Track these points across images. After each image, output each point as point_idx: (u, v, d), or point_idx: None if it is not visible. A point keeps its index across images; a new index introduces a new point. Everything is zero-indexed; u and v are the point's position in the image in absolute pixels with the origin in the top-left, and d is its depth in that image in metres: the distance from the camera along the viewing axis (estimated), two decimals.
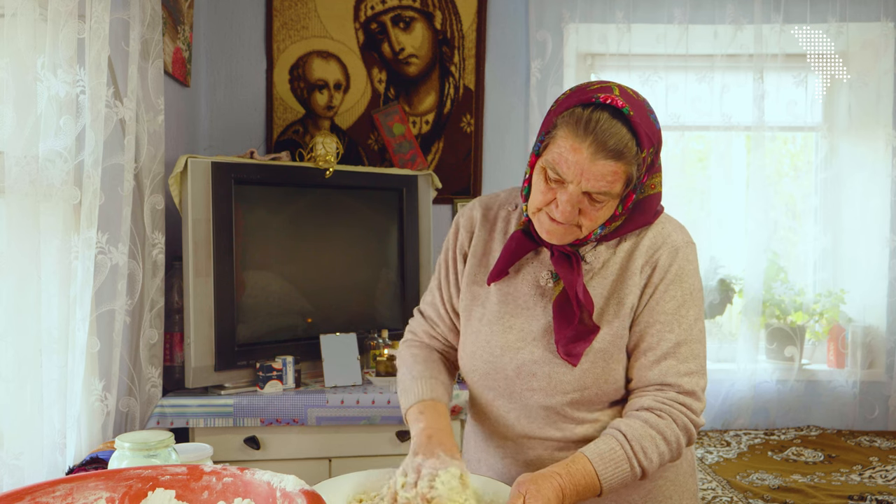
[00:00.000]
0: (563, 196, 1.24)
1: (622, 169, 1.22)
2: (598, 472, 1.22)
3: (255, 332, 2.51)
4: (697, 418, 1.30)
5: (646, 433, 1.26)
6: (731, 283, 3.60)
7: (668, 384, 1.31)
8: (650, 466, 1.26)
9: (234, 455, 2.35)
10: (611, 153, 1.20)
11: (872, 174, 3.53)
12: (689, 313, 1.33)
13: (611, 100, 1.22)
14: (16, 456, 1.55)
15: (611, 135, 1.20)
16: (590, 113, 1.21)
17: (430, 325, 1.56)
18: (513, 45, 3.36)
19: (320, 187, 2.64)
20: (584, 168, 1.21)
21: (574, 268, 1.32)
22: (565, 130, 1.23)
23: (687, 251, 1.36)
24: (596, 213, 1.26)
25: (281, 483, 1.03)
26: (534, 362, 1.36)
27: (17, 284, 1.57)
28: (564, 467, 1.21)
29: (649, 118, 1.26)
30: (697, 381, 1.32)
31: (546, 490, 1.16)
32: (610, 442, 1.25)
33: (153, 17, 2.30)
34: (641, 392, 1.33)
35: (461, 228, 1.50)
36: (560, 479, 1.19)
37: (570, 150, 1.22)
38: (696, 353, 1.32)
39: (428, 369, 1.47)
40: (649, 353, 1.32)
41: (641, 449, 1.25)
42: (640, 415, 1.29)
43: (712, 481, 2.78)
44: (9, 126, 1.54)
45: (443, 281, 1.51)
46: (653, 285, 1.33)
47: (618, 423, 1.28)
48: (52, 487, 1.02)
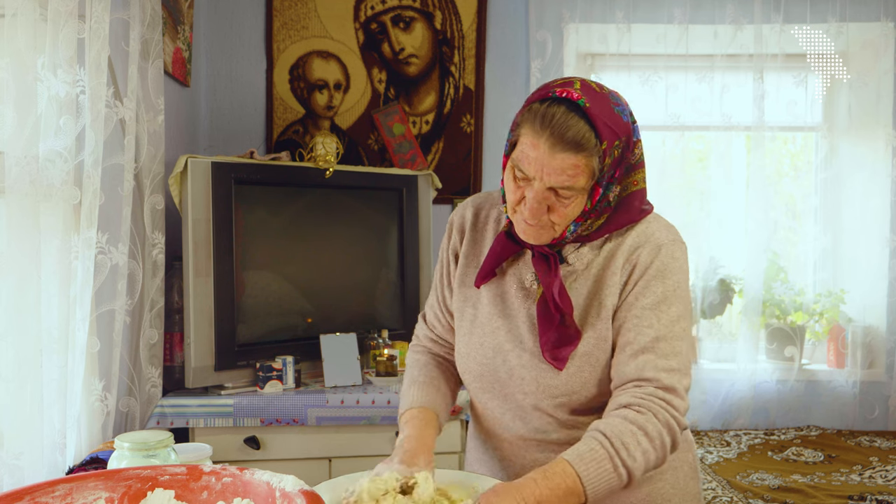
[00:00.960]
0: (529, 193, 1.24)
1: (582, 161, 1.20)
2: (579, 473, 1.15)
3: (255, 332, 2.51)
4: (681, 417, 1.23)
5: (626, 429, 1.19)
6: (731, 283, 3.60)
7: (646, 379, 1.24)
8: (635, 466, 1.18)
9: (233, 455, 2.35)
10: (569, 145, 1.18)
11: (872, 174, 3.53)
12: (670, 310, 1.28)
13: (566, 93, 1.21)
14: (16, 456, 1.55)
15: (567, 127, 1.18)
16: (546, 108, 1.20)
17: (430, 328, 1.56)
18: (513, 45, 3.36)
19: (320, 187, 2.64)
20: (543, 163, 1.20)
21: (552, 268, 1.30)
22: (525, 128, 1.23)
23: (672, 248, 1.31)
24: (564, 209, 1.24)
25: (280, 483, 1.03)
26: (522, 366, 1.35)
27: (17, 284, 1.57)
28: (542, 472, 1.16)
29: (613, 111, 1.23)
30: (679, 379, 1.25)
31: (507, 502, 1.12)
32: (590, 443, 1.19)
33: (153, 17, 2.30)
34: (620, 390, 1.26)
35: (454, 229, 1.50)
36: (535, 485, 1.14)
37: (530, 147, 1.21)
38: (676, 351, 1.26)
39: (425, 374, 1.48)
40: (627, 348, 1.27)
41: (623, 445, 1.17)
42: (618, 412, 1.22)
43: (712, 481, 2.78)
44: (9, 126, 1.54)
45: (440, 282, 1.52)
46: (632, 282, 1.30)
47: (596, 424, 1.23)
48: (52, 487, 1.02)
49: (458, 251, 1.48)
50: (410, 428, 1.36)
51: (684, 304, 1.30)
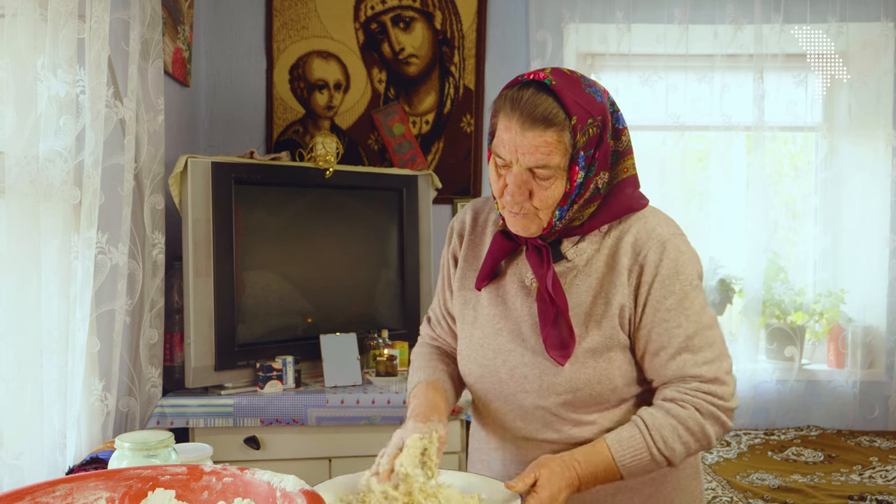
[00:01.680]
0: (509, 178, 1.26)
1: (554, 138, 1.22)
2: (615, 458, 1.26)
3: (255, 332, 2.51)
4: (726, 402, 1.30)
5: (666, 422, 1.27)
6: (731, 283, 3.60)
7: (689, 376, 1.30)
8: (673, 455, 1.28)
9: (234, 455, 2.35)
10: (538, 121, 1.22)
11: (872, 174, 3.53)
12: (693, 304, 1.31)
13: (535, 76, 1.26)
14: (16, 456, 1.55)
15: (535, 105, 1.22)
16: (516, 91, 1.25)
17: (433, 329, 1.59)
18: (513, 45, 3.36)
19: (320, 187, 2.64)
20: (517, 143, 1.23)
21: (544, 261, 1.32)
22: (500, 115, 1.27)
23: (676, 242, 1.33)
24: (544, 192, 1.26)
25: (281, 483, 1.03)
26: (524, 364, 1.35)
27: (17, 284, 1.57)
28: (584, 454, 1.26)
29: (583, 90, 1.26)
30: (719, 366, 1.30)
31: (557, 481, 1.20)
32: (631, 429, 1.28)
33: (153, 17, 2.30)
34: (665, 386, 1.33)
35: (454, 233, 1.52)
36: (578, 467, 1.24)
37: (504, 130, 1.25)
38: (710, 341, 1.31)
39: (428, 361, 1.53)
40: (662, 352, 1.31)
41: (661, 438, 1.26)
42: (663, 405, 1.30)
43: (712, 481, 2.78)
44: (9, 126, 1.54)
45: (440, 287, 1.55)
46: (646, 284, 1.31)
47: (642, 412, 1.30)
48: (52, 487, 1.02)
49: (458, 255, 1.50)
50: (419, 396, 1.41)
51: (702, 294, 1.35)
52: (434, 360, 1.53)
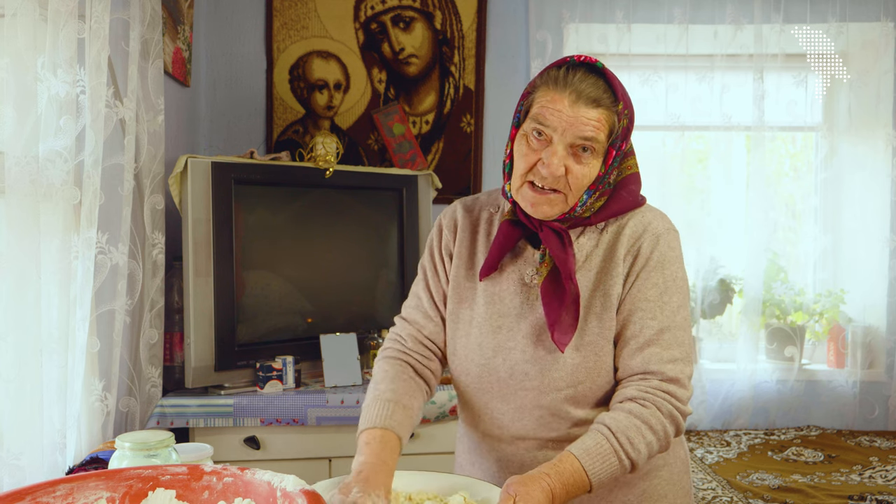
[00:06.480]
0: (548, 152, 1.27)
1: (604, 116, 1.27)
2: (585, 468, 1.20)
3: (255, 332, 2.51)
4: (683, 406, 1.29)
5: (631, 424, 1.25)
6: (731, 283, 3.60)
7: (651, 372, 1.30)
8: (638, 458, 1.25)
9: (234, 455, 2.35)
10: (590, 101, 1.26)
11: (872, 174, 3.53)
12: (672, 300, 1.33)
13: (584, 58, 1.30)
14: (16, 456, 1.55)
15: (587, 84, 1.27)
16: (565, 70, 1.28)
17: (416, 329, 1.48)
18: (513, 45, 3.36)
19: (320, 187, 2.64)
20: (566, 115, 1.26)
21: (565, 245, 1.33)
22: (544, 89, 1.29)
23: (669, 238, 1.36)
24: (582, 169, 1.28)
25: (281, 483, 1.03)
26: (526, 361, 1.35)
27: (17, 284, 1.57)
28: (553, 467, 1.20)
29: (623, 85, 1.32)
30: (682, 369, 1.31)
31: (535, 492, 1.14)
32: (596, 437, 1.24)
33: (153, 17, 2.30)
34: (626, 382, 1.32)
35: (444, 229, 1.50)
36: (549, 479, 1.18)
37: (550, 103, 1.27)
38: (679, 341, 1.32)
39: (391, 390, 1.38)
40: (632, 341, 1.32)
41: (628, 440, 1.23)
42: (623, 406, 1.28)
43: (712, 481, 2.78)
44: (9, 126, 1.54)
45: (431, 281, 1.48)
46: (635, 273, 1.33)
47: (602, 418, 1.27)
48: (53, 487, 1.02)
49: (452, 251, 1.47)
50: (368, 452, 1.28)
51: (683, 294, 1.35)
52: (399, 392, 1.38)
